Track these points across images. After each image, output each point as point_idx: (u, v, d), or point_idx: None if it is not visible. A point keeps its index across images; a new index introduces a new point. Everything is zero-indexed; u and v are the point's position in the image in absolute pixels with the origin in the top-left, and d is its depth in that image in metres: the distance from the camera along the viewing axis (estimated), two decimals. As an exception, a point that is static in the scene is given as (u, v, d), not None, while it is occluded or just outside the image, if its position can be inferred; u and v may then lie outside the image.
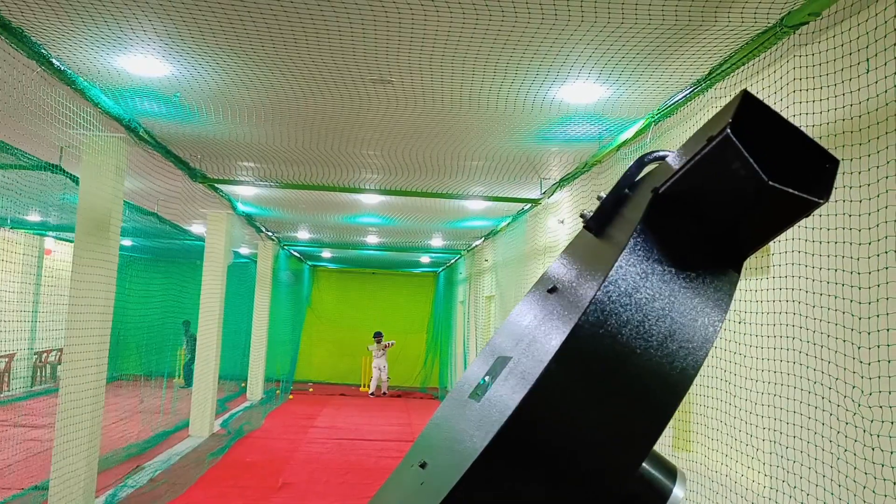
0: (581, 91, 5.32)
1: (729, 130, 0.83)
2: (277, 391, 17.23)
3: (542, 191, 8.74)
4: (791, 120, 3.81)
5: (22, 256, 13.84)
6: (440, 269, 21.55)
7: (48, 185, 7.87)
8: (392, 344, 19.16)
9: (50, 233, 15.09)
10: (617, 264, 0.87)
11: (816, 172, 0.88)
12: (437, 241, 15.77)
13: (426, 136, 6.79)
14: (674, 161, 0.97)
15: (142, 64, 5.18)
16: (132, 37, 4.70)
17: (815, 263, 3.47)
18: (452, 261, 19.17)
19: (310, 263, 21.95)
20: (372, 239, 15.77)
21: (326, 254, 19.55)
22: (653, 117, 5.31)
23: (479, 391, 1.05)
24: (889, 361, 2.96)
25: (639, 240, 0.89)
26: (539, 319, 1.03)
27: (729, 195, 0.88)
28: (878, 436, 2.99)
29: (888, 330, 2.98)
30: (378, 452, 10.88)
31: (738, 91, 4.58)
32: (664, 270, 0.89)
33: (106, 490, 7.50)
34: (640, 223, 0.90)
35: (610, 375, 0.85)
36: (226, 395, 14.87)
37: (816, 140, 0.90)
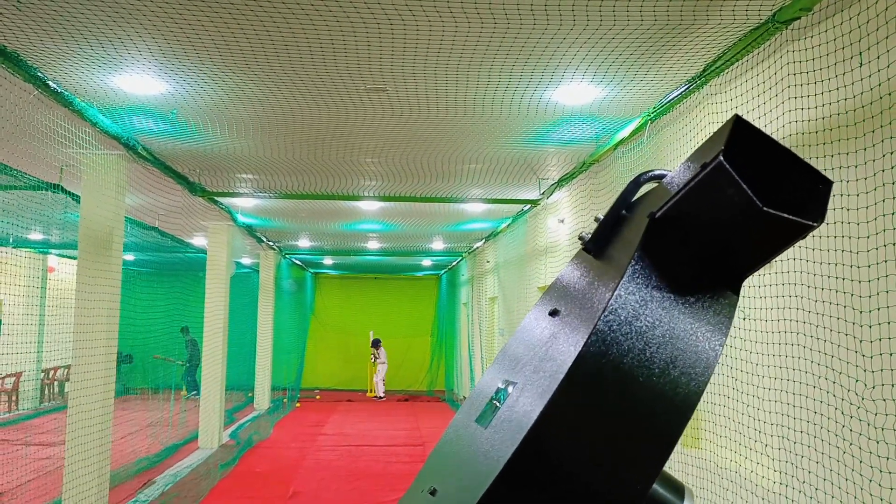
0: (576, 92, 5.33)
1: (721, 157, 0.84)
2: (284, 400, 17.23)
3: (541, 191, 8.75)
4: (787, 115, 3.79)
5: (26, 276, 13.87)
6: (442, 271, 21.54)
7: (49, 204, 7.89)
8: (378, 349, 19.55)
9: (52, 251, 15.11)
10: (616, 293, 0.87)
11: (810, 194, 0.89)
12: (437, 245, 15.77)
13: (423, 142, 6.80)
14: (670, 183, 0.98)
15: (138, 83, 5.21)
16: (127, 56, 4.72)
17: (817, 258, 3.48)
18: (454, 263, 19.17)
19: (312, 271, 21.95)
20: (373, 245, 15.78)
21: (328, 261, 19.56)
22: (649, 115, 5.33)
23: (486, 416, 1.06)
24: (891, 354, 2.97)
25: (637, 267, 0.90)
26: (542, 343, 1.05)
27: (724, 220, 0.88)
28: (883, 429, 3.00)
29: (889, 323, 3.00)
30: (387, 458, 10.89)
31: (732, 87, 4.53)
32: (663, 297, 0.90)
33: (118, 506, 7.53)
34: (638, 249, 0.91)
35: (614, 404, 0.86)
36: (233, 405, 14.88)
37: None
